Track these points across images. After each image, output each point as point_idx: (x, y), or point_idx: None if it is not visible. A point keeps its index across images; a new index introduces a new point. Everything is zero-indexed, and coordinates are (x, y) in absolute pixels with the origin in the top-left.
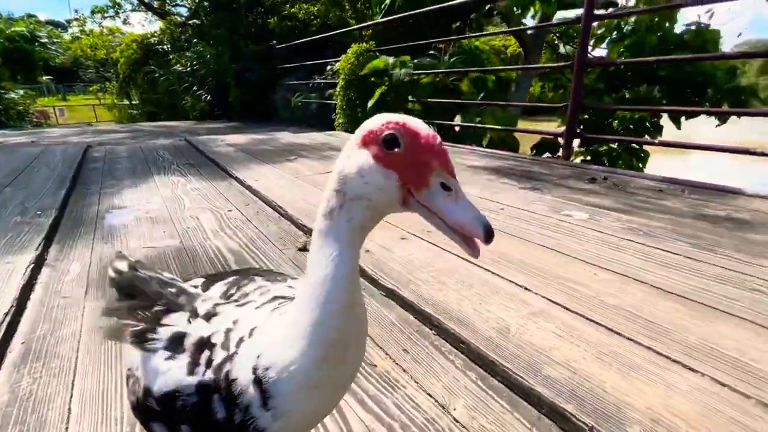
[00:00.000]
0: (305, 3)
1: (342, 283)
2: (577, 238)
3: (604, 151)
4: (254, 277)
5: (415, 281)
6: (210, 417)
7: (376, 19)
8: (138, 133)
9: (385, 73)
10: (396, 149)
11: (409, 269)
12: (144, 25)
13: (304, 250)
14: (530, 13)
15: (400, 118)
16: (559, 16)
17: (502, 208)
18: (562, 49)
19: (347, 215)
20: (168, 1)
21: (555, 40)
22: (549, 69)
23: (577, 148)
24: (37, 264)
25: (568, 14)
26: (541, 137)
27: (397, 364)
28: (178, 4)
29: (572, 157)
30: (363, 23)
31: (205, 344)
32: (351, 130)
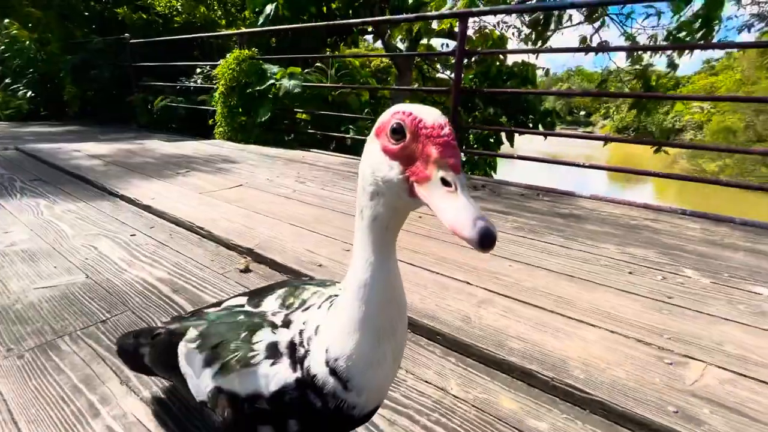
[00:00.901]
0: None
1: (378, 284)
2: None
3: (465, 161)
4: (306, 286)
5: None
6: (311, 407)
7: (256, 25)
8: None
9: (268, 82)
10: (402, 139)
11: None
12: None
13: (247, 271)
14: (399, 36)
15: (410, 107)
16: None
17: (420, 216)
18: (426, 70)
19: (372, 214)
20: None
21: (421, 63)
22: (431, 92)
23: None
24: None
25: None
26: None
27: None
28: None
29: None
30: (236, 26)
31: (294, 346)
32: (234, 138)
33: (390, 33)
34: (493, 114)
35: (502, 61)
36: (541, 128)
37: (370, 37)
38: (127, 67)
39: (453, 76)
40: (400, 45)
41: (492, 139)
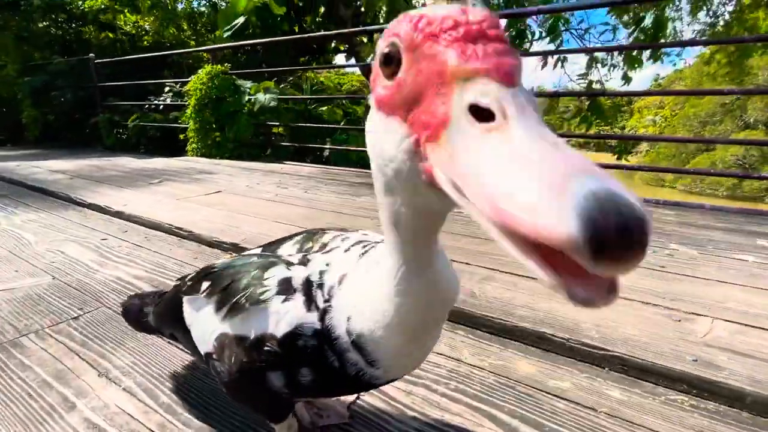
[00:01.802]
0: (132, 14)
1: (415, 296)
2: (477, 227)
3: None
4: (326, 231)
5: None
6: (327, 361)
7: (225, 42)
8: None
9: (244, 97)
10: (397, 72)
11: None
12: None
13: None
14: (372, 56)
15: (410, 13)
16: None
17: None
18: None
19: (392, 217)
20: None
21: None
22: None
23: None
24: None
25: None
26: None
27: None
28: None
29: None
30: (205, 44)
31: (311, 284)
32: (207, 155)
33: (360, 51)
34: None
35: None
36: None
37: (343, 58)
38: (92, 88)
39: None
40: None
41: None
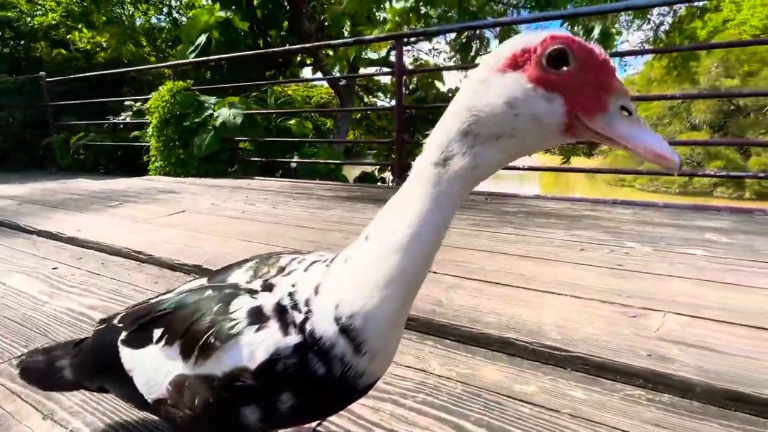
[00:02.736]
0: (87, 29)
1: (432, 239)
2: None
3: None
4: (279, 255)
5: None
6: (311, 375)
7: (189, 58)
8: None
9: (206, 112)
10: (565, 67)
11: None
12: None
13: None
14: (337, 68)
15: (564, 31)
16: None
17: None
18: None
19: (473, 162)
20: None
21: (359, 92)
22: (374, 110)
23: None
24: None
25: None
26: (362, 171)
27: None
28: None
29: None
30: (167, 60)
31: (283, 308)
32: (171, 173)
33: (326, 63)
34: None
35: (438, 89)
36: None
37: (309, 71)
38: (44, 108)
39: (394, 101)
40: (339, 76)
41: None
